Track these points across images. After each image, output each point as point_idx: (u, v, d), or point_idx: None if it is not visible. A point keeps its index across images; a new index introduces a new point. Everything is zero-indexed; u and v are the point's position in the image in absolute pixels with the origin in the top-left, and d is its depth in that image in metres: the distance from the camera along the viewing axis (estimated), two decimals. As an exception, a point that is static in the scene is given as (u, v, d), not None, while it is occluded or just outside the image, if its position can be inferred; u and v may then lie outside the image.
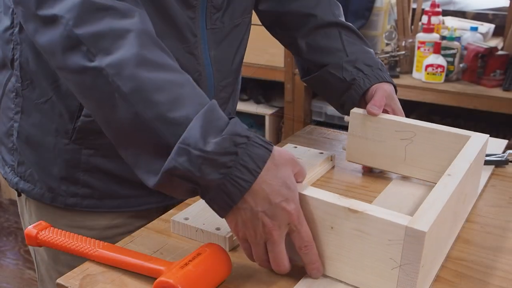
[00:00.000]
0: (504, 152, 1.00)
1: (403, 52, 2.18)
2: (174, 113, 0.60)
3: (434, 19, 2.17)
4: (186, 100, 0.61)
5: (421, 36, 2.12)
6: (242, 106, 2.51)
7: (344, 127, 0.97)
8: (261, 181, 0.60)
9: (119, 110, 0.61)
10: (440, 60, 2.05)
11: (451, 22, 2.36)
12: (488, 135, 0.82)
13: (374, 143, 0.89)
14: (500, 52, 2.05)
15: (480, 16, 2.44)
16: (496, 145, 1.03)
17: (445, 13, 2.43)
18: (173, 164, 0.59)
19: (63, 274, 0.85)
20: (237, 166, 0.59)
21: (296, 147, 1.00)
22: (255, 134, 0.61)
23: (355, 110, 0.90)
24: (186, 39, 0.80)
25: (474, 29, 2.20)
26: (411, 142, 0.86)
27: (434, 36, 2.11)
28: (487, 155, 0.96)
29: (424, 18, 2.19)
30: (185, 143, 0.59)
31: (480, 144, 0.78)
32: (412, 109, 2.35)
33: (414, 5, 2.32)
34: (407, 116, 0.92)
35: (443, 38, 2.14)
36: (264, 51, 2.29)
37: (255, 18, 1.03)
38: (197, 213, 0.77)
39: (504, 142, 1.05)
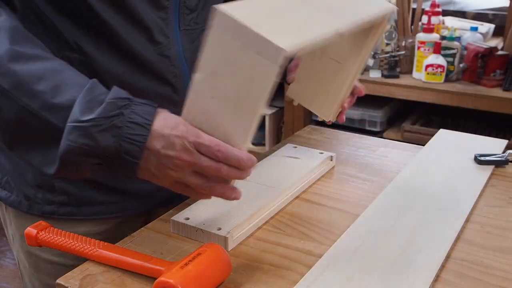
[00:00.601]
0: (504, 152, 1.00)
1: (403, 52, 2.18)
2: (59, 98, 0.62)
3: (434, 19, 2.17)
4: (68, 84, 0.63)
5: (421, 36, 2.12)
6: (242, 106, 2.51)
7: (344, 127, 0.97)
8: (154, 133, 0.62)
9: (5, 109, 0.63)
10: (440, 60, 2.06)
11: (451, 22, 2.36)
12: None
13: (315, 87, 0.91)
14: (500, 52, 2.05)
15: (480, 16, 2.44)
16: (496, 145, 1.04)
17: (445, 13, 2.43)
18: (67, 144, 0.61)
19: (44, 282, 0.85)
20: (127, 124, 0.62)
21: (296, 147, 1.00)
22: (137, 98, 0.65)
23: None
24: (158, 41, 0.79)
25: (474, 29, 2.20)
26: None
27: (434, 36, 2.11)
28: (487, 155, 0.96)
29: (424, 18, 2.19)
30: (72, 120, 0.61)
31: None
32: (412, 109, 2.36)
33: (414, 5, 2.32)
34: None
35: (443, 38, 2.14)
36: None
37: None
38: (197, 213, 0.77)
39: (504, 142, 1.06)
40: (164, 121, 0.64)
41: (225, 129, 0.64)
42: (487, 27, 2.29)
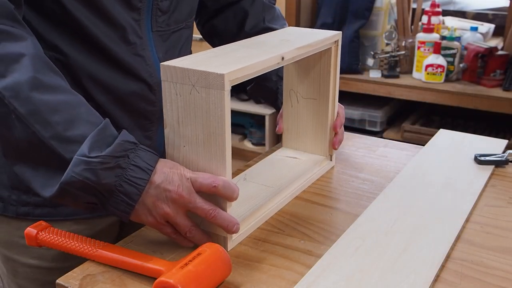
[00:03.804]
0: (504, 152, 1.00)
1: (403, 52, 2.18)
2: (71, 132, 0.65)
3: (434, 19, 2.18)
4: (81, 120, 0.66)
5: (421, 36, 2.12)
6: (242, 106, 2.51)
7: (344, 127, 0.97)
8: (156, 170, 0.66)
9: (16, 130, 0.64)
10: (440, 60, 2.06)
11: (451, 22, 2.36)
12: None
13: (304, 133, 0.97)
14: (500, 52, 2.05)
15: (480, 16, 2.44)
16: (496, 145, 1.04)
17: (445, 13, 2.43)
18: (70, 175, 0.63)
19: (23, 286, 0.84)
20: (130, 167, 0.65)
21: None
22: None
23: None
24: (131, 41, 0.80)
25: (474, 29, 2.20)
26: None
27: (434, 36, 2.11)
28: (487, 155, 0.96)
29: (424, 18, 2.20)
30: (80, 154, 0.63)
31: None
32: (412, 109, 2.36)
33: (414, 5, 2.32)
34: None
35: (443, 38, 2.14)
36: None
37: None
38: (197, 213, 0.77)
39: (504, 142, 1.06)
40: (164, 163, 0.68)
41: (205, 169, 0.70)
42: (487, 27, 2.29)
